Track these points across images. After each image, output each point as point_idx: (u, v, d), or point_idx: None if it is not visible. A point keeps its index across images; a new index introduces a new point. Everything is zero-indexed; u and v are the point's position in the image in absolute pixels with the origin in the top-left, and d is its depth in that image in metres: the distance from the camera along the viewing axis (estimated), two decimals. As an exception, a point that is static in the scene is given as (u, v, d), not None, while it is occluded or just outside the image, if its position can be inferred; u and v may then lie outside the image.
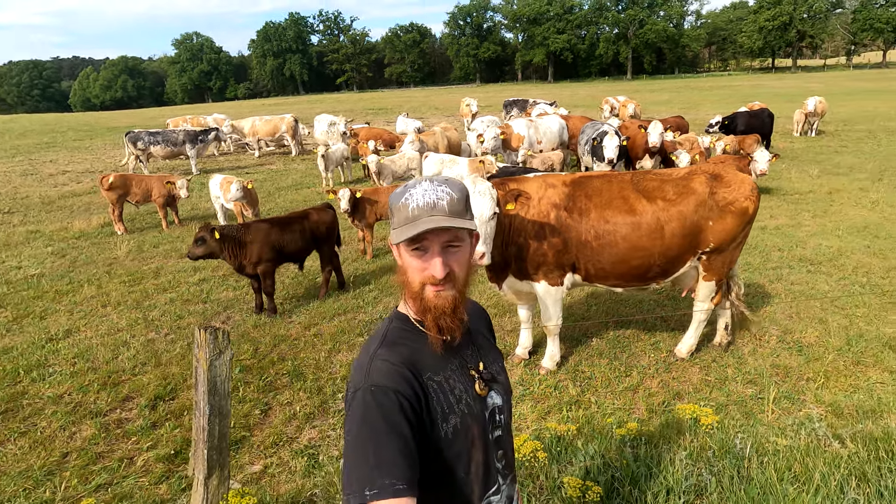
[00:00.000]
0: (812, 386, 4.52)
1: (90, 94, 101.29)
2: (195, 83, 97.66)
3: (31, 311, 6.57)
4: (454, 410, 1.42)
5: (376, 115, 30.12)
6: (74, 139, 25.36)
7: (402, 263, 1.44)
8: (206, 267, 7.84)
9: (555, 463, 3.44)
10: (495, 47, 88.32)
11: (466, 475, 1.46)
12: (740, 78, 61.82)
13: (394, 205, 1.41)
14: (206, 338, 2.89)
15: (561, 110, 16.66)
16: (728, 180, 4.44)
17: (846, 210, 9.50)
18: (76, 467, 3.87)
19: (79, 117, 44.10)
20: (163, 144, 15.25)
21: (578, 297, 6.36)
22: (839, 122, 20.65)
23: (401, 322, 1.48)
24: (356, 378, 1.37)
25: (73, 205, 12.54)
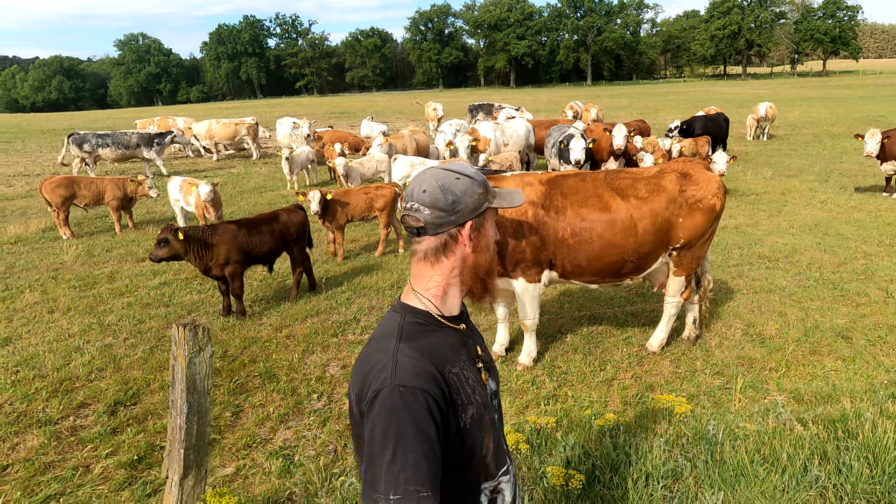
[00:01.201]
0: (774, 375, 4.73)
1: (17, 95, 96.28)
2: (142, 85, 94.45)
3: None
4: (471, 401, 1.42)
5: (339, 118, 29.86)
6: (3, 141, 24.16)
7: (485, 238, 1.49)
8: (166, 270, 7.56)
9: (536, 454, 3.47)
10: (457, 52, 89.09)
11: (484, 461, 1.48)
12: (694, 84, 64.31)
13: (485, 181, 1.49)
14: (186, 335, 2.79)
15: (526, 115, 16.92)
16: (696, 178, 4.59)
17: (798, 209, 9.98)
18: (19, 480, 3.64)
19: (6, 118, 41.94)
20: (113, 147, 14.65)
21: (551, 295, 6.44)
22: (788, 126, 21.75)
23: (414, 316, 1.43)
24: (378, 377, 1.29)
25: (5, 209, 11.87)
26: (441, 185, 1.42)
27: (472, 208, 1.44)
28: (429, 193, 1.42)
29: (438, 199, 1.41)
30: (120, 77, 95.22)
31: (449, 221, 1.42)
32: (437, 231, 1.43)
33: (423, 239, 1.44)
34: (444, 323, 1.46)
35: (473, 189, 1.44)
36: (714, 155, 10.05)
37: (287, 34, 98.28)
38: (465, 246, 1.46)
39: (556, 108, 29.47)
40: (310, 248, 6.80)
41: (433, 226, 1.42)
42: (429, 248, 1.44)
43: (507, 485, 1.57)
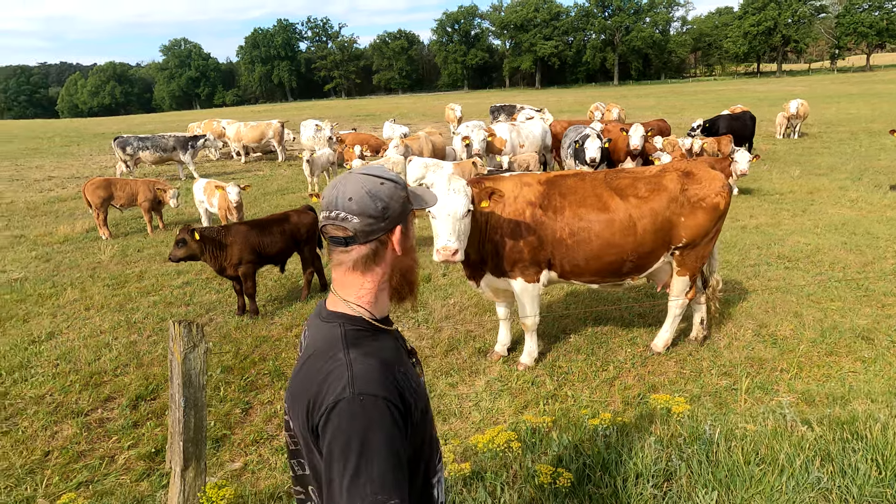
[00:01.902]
0: (785, 376, 4.65)
1: (78, 101, 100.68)
2: (183, 90, 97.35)
3: (14, 315, 6.56)
4: (419, 395, 1.42)
5: (364, 121, 30.21)
6: (61, 145, 25.20)
7: (410, 240, 1.52)
8: (189, 270, 7.85)
9: (529, 453, 3.51)
10: (483, 54, 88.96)
11: (430, 451, 1.50)
12: (725, 83, 62.62)
13: (405, 185, 1.52)
14: (181, 331, 2.93)
15: (547, 115, 16.85)
16: (699, 177, 4.56)
17: (825, 209, 9.69)
18: (58, 465, 3.90)
19: (66, 123, 43.88)
20: (152, 150, 15.25)
21: (558, 295, 6.46)
22: (822, 124, 21.02)
23: (352, 323, 1.41)
24: (334, 388, 1.25)
25: (59, 210, 12.49)
26: (369, 192, 1.39)
27: (399, 213, 1.44)
28: (356, 201, 1.38)
29: (368, 206, 1.39)
30: (164, 81, 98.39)
31: (380, 228, 1.40)
32: (367, 239, 1.40)
33: (352, 248, 1.41)
34: (381, 327, 1.45)
35: (399, 193, 1.44)
36: (736, 154, 9.86)
37: (318, 37, 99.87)
38: (396, 251, 1.46)
39: (580, 109, 29.19)
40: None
41: (364, 234, 1.39)
42: (359, 256, 1.42)
43: (441, 472, 1.60)
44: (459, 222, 3.94)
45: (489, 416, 4.29)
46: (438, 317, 6.07)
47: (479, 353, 5.26)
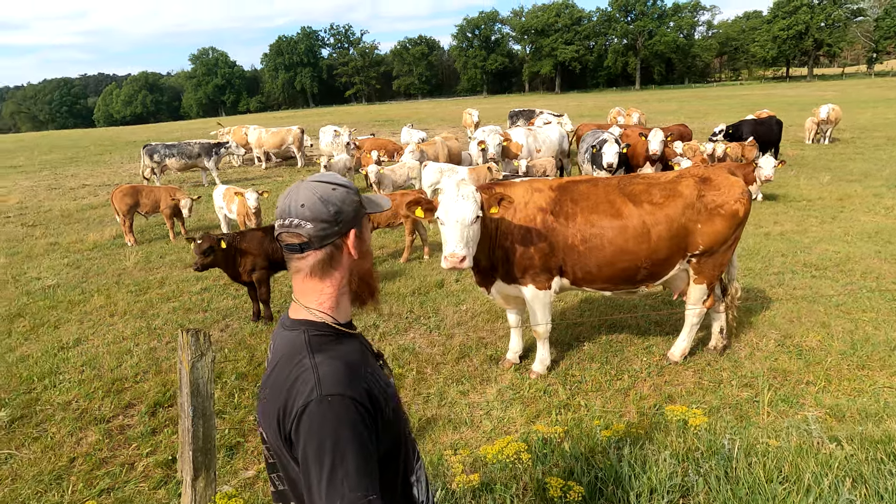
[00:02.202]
0: (812, 389, 4.48)
1: (112, 110, 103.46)
2: (209, 97, 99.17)
3: (46, 321, 6.73)
4: (388, 395, 1.45)
5: (383, 126, 30.38)
6: (95, 153, 25.92)
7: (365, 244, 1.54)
8: (208, 276, 7.94)
9: (539, 464, 3.45)
10: (503, 59, 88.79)
11: (405, 450, 1.53)
12: (751, 87, 61.35)
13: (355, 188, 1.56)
14: (189, 340, 2.93)
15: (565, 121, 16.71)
16: (717, 183, 4.46)
17: (857, 216, 9.37)
18: (82, 472, 3.96)
19: (101, 132, 45.10)
20: (178, 157, 15.52)
21: (572, 302, 6.37)
22: (856, 129, 20.37)
23: (316, 329, 1.44)
24: (302, 392, 1.28)
25: (90, 217, 12.82)
26: (321, 198, 1.42)
27: (352, 216, 1.47)
28: (308, 207, 1.42)
29: (321, 211, 1.42)
30: (191, 89, 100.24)
31: (334, 232, 1.44)
32: (322, 244, 1.43)
33: (308, 254, 1.44)
34: (345, 331, 1.48)
35: (351, 198, 1.48)
36: (760, 159, 9.64)
37: (340, 44, 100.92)
38: (352, 254, 1.49)
39: (600, 114, 28.87)
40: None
41: (318, 239, 1.42)
42: (315, 262, 1.45)
43: (420, 472, 1.62)
44: (468, 229, 3.90)
45: (500, 425, 4.23)
46: (450, 323, 6.03)
47: (491, 360, 5.21)
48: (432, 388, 4.80)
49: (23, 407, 4.80)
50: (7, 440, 4.35)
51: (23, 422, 4.60)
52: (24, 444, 4.30)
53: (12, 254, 9.93)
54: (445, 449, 3.90)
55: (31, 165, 23.15)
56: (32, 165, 23.11)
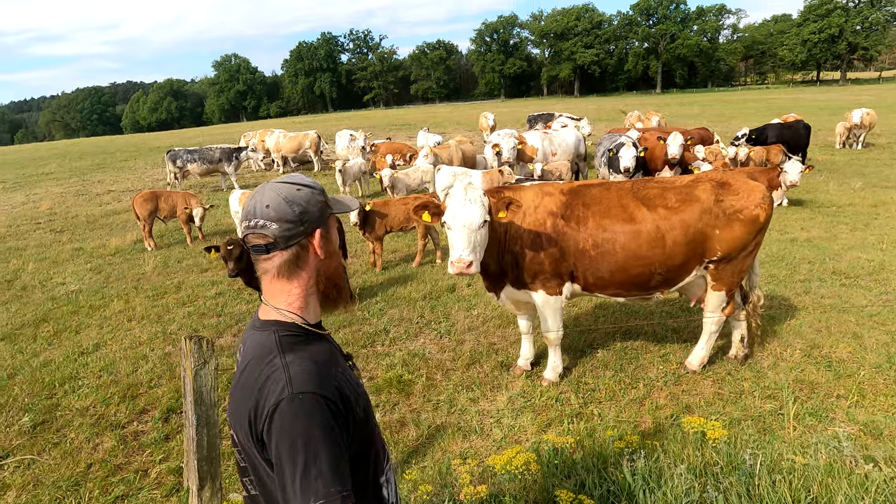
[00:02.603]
0: (843, 403, 4.26)
1: (139, 117, 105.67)
2: (231, 103, 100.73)
3: (68, 326, 6.82)
4: (359, 393, 1.45)
5: (399, 130, 30.48)
6: (121, 160, 26.46)
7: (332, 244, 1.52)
8: (222, 281, 7.99)
9: (550, 476, 3.33)
10: (521, 63, 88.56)
11: (376, 450, 1.53)
12: (779, 91, 59.96)
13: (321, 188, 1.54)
14: (192, 348, 2.89)
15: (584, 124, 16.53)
16: (736, 188, 4.32)
17: (893, 223, 8.99)
18: (98, 478, 3.98)
19: (128, 139, 46.24)
20: (199, 162, 15.69)
21: (586, 308, 6.24)
22: (893, 134, 19.68)
23: (286, 329, 1.44)
24: (273, 392, 1.29)
25: (113, 223, 13.06)
26: (285, 198, 1.43)
27: (318, 216, 1.47)
28: (273, 208, 1.42)
29: (285, 212, 1.42)
30: (214, 95, 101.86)
31: (299, 232, 1.43)
32: (287, 244, 1.43)
33: (274, 254, 1.44)
34: (315, 331, 1.48)
35: (316, 198, 1.48)
36: (786, 164, 9.38)
37: (359, 49, 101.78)
38: (318, 254, 1.48)
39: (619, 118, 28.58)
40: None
41: (284, 239, 1.42)
42: (282, 262, 1.45)
43: (390, 474, 1.61)
44: (475, 233, 3.82)
45: (511, 433, 4.13)
46: (461, 328, 5.95)
47: (502, 366, 5.11)
48: (442, 394, 4.72)
49: (44, 412, 4.86)
50: (30, 445, 4.41)
51: (44, 427, 4.66)
52: (45, 449, 4.35)
53: (41, 259, 10.17)
54: (454, 457, 3.82)
55: (62, 172, 23.76)
56: (63, 172, 23.72)
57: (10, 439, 4.50)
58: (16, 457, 4.26)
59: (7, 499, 3.80)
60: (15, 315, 7.38)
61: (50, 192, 18.61)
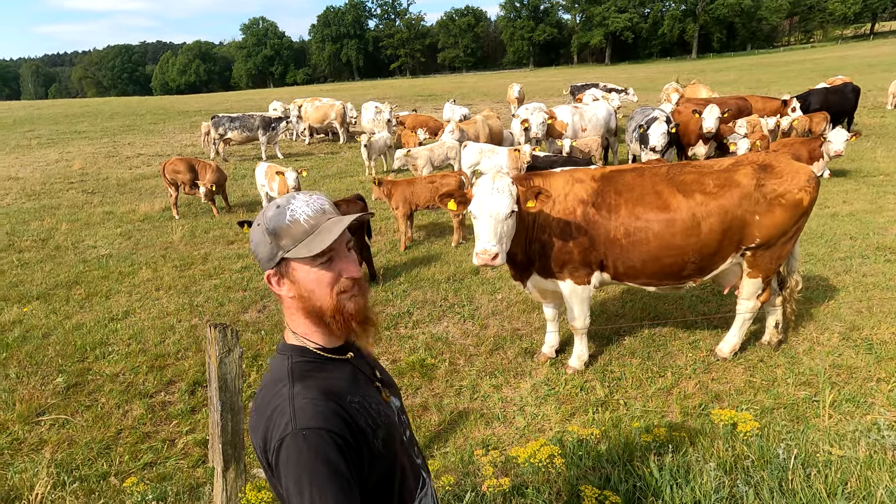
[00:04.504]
0: (884, 387, 4.11)
1: (168, 78, 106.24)
2: (259, 68, 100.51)
3: (99, 291, 7.00)
4: (378, 424, 1.39)
5: (426, 101, 30.00)
6: (151, 122, 26.61)
7: (301, 287, 1.38)
8: (248, 254, 8.06)
9: (574, 468, 3.29)
10: (551, 29, 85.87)
11: (401, 478, 1.47)
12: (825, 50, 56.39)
13: (278, 228, 1.35)
14: (216, 335, 2.90)
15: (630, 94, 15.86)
16: (780, 170, 4.09)
17: (949, 192, 8.48)
18: (128, 444, 4.11)
19: (157, 101, 46.51)
20: (240, 129, 15.56)
21: (613, 294, 6.09)
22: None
23: (299, 354, 1.41)
24: (279, 425, 1.27)
25: (143, 187, 13.29)
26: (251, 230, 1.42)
27: (266, 258, 1.39)
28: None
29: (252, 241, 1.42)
30: (242, 60, 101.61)
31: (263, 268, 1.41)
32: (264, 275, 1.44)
33: None
34: (329, 356, 1.42)
35: (263, 239, 1.38)
36: (830, 133, 8.90)
37: (386, 15, 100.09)
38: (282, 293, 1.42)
39: (651, 86, 27.57)
40: (369, 238, 6.91)
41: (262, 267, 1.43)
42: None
43: (425, 499, 1.55)
44: (502, 224, 3.72)
45: (534, 422, 4.09)
46: (485, 312, 5.88)
47: (526, 353, 5.04)
48: (465, 380, 4.69)
49: (77, 375, 5.02)
50: (63, 406, 4.57)
51: (76, 389, 4.82)
52: (78, 411, 4.50)
53: (73, 220, 10.44)
54: (476, 444, 3.81)
55: (94, 131, 24.01)
56: (95, 132, 23.96)
57: (45, 397, 4.69)
58: (51, 415, 4.43)
59: (44, 454, 3.96)
60: (49, 275, 7.63)
61: (82, 151, 18.94)
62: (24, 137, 22.71)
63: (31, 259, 8.34)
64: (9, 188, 13.75)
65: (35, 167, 16.38)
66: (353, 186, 11.95)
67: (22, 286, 7.25)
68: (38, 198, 12.61)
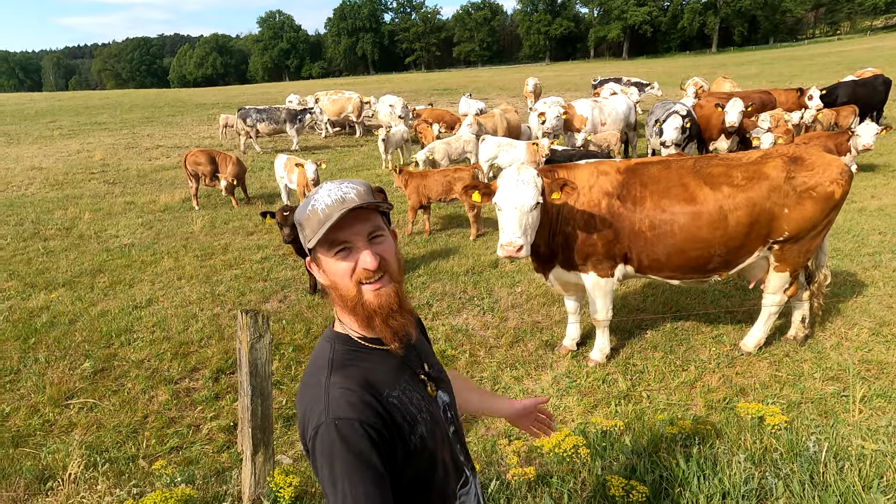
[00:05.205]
0: (918, 383, 4.01)
1: (185, 71, 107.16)
2: (274, 61, 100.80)
3: (122, 279, 7.12)
4: (417, 420, 1.37)
5: (441, 95, 29.92)
6: (169, 114, 26.94)
7: (328, 278, 1.40)
8: (268, 245, 8.14)
9: (598, 459, 3.28)
10: (568, 23, 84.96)
11: (443, 476, 1.45)
12: (853, 42, 54.75)
13: (302, 218, 1.38)
14: (248, 321, 2.93)
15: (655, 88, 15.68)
16: (810, 163, 4.02)
17: (981, 186, 8.30)
18: (154, 428, 4.18)
19: (174, 93, 47.03)
20: (267, 122, 15.67)
21: (635, 287, 6.05)
22: None
23: (342, 343, 1.41)
24: (314, 413, 1.28)
25: (162, 178, 13.46)
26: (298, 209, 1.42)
27: (307, 239, 1.39)
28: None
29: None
30: (258, 53, 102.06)
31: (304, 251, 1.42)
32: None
33: None
34: (372, 346, 1.40)
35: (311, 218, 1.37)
36: (858, 126, 8.71)
37: (402, 8, 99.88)
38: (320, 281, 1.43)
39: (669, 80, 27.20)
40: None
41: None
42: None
43: (467, 497, 1.53)
44: (527, 216, 3.71)
45: (556, 413, 4.09)
46: (505, 305, 5.87)
47: (547, 346, 5.03)
48: (485, 371, 4.70)
49: (103, 360, 5.11)
50: (91, 390, 4.67)
51: (103, 374, 4.92)
52: (105, 395, 4.60)
53: (95, 210, 10.63)
54: (499, 437, 3.81)
55: (114, 123, 24.38)
56: (114, 123, 24.33)
57: (73, 381, 4.79)
58: (79, 399, 4.53)
59: (74, 436, 4.05)
60: (73, 263, 7.77)
61: (102, 142, 19.23)
62: (47, 128, 23.13)
63: (55, 247, 8.51)
64: (33, 177, 14.03)
65: (57, 157, 16.69)
66: (370, 180, 11.95)
67: (48, 273, 7.40)
68: (60, 187, 12.86)
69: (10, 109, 31.24)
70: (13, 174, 14.56)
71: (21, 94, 61.64)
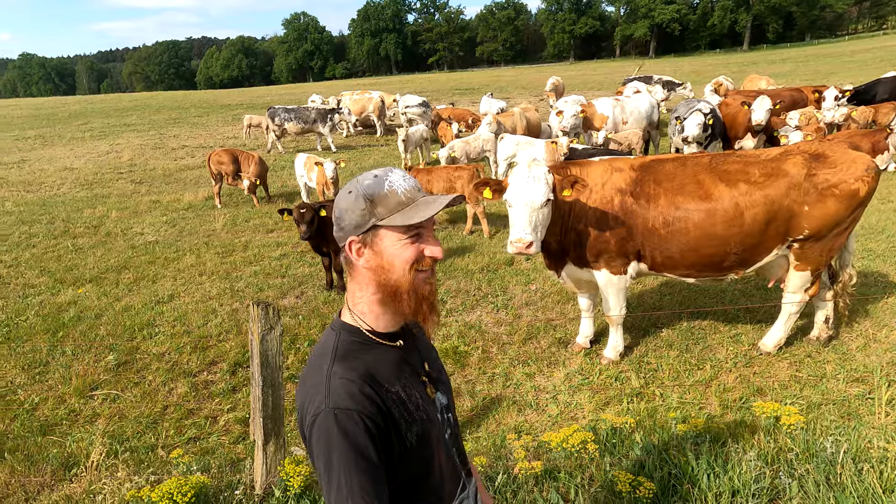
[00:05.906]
0: (948, 386, 3.88)
1: (212, 73, 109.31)
2: (299, 62, 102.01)
3: (146, 275, 7.33)
4: (415, 418, 1.36)
5: (463, 94, 29.91)
6: (195, 115, 27.61)
7: (383, 260, 1.35)
8: (287, 242, 8.27)
9: (607, 455, 3.26)
10: (594, 22, 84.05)
11: (438, 479, 1.44)
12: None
13: (376, 195, 1.33)
14: (259, 313, 2.98)
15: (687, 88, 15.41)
16: (833, 160, 3.92)
17: None
18: (173, 419, 4.31)
19: (201, 95, 48.06)
20: (296, 121, 15.88)
21: (651, 286, 5.97)
22: None
23: (349, 334, 1.39)
24: (314, 401, 1.28)
25: (187, 177, 13.80)
26: (340, 197, 1.39)
27: (354, 225, 1.35)
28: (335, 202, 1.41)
29: (336, 209, 1.39)
30: (283, 54, 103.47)
31: (340, 237, 1.39)
32: (339, 245, 1.40)
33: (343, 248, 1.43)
34: (378, 340, 1.40)
35: (357, 206, 1.34)
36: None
37: (425, 9, 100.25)
38: (359, 263, 1.38)
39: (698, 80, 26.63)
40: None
41: (337, 239, 1.40)
42: (342, 260, 1.43)
43: (467, 501, 1.51)
44: (537, 212, 3.70)
45: (567, 410, 4.07)
46: (518, 303, 5.86)
47: (560, 343, 5.00)
48: (498, 367, 4.70)
49: (126, 353, 5.28)
50: (114, 382, 4.83)
51: (126, 367, 5.07)
52: (127, 387, 4.74)
53: (122, 208, 10.97)
54: (509, 431, 3.81)
55: (142, 124, 25.08)
56: (143, 124, 25.03)
57: (97, 373, 4.95)
58: (103, 390, 4.68)
59: (97, 425, 4.20)
60: (100, 260, 8.02)
61: (131, 143, 19.80)
62: (79, 130, 23.91)
63: (84, 245, 8.79)
64: (65, 178, 14.51)
65: (88, 158, 17.24)
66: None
67: (76, 270, 7.65)
68: (90, 187, 13.28)
69: (46, 113, 32.41)
70: (47, 174, 15.10)
71: (56, 97, 63.89)
